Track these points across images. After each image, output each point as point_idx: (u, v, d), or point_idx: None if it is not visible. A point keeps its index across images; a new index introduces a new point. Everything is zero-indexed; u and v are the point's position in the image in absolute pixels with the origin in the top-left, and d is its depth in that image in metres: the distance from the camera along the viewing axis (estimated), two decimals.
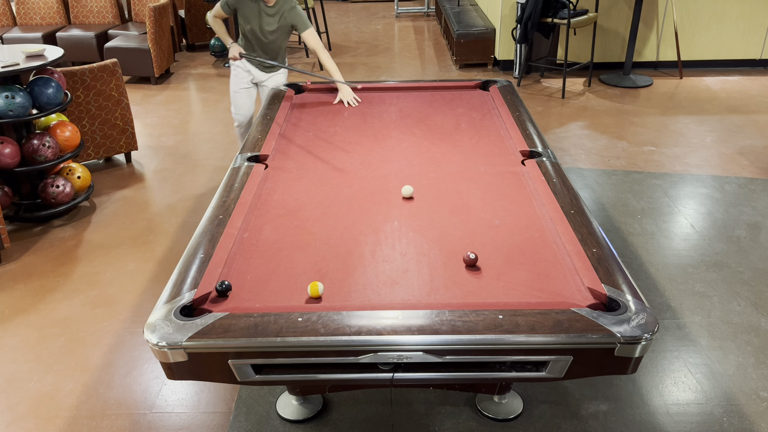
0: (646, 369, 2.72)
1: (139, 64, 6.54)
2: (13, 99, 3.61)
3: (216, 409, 2.56)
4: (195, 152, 4.99)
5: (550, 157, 2.89)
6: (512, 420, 2.47)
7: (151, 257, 3.60)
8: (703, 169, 4.51)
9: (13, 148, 3.71)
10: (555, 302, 1.93)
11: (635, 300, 1.88)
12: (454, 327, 1.78)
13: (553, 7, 5.94)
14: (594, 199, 4.10)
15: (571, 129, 5.25)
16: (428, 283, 2.06)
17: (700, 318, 3.01)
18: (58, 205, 3.96)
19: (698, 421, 2.46)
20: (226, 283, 2.00)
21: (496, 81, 3.91)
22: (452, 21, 7.15)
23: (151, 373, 2.75)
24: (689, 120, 5.39)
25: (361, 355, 1.78)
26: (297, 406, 2.51)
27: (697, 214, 3.91)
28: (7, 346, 2.93)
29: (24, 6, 7.21)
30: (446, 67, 7.02)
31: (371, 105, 3.70)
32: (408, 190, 2.58)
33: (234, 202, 2.52)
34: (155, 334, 1.78)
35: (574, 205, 2.45)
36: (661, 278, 3.30)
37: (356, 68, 7.04)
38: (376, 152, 3.08)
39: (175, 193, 4.34)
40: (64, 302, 3.23)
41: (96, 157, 4.67)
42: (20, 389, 2.68)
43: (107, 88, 4.51)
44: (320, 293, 1.97)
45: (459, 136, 3.24)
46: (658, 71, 6.71)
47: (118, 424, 2.50)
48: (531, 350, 1.78)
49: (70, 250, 3.70)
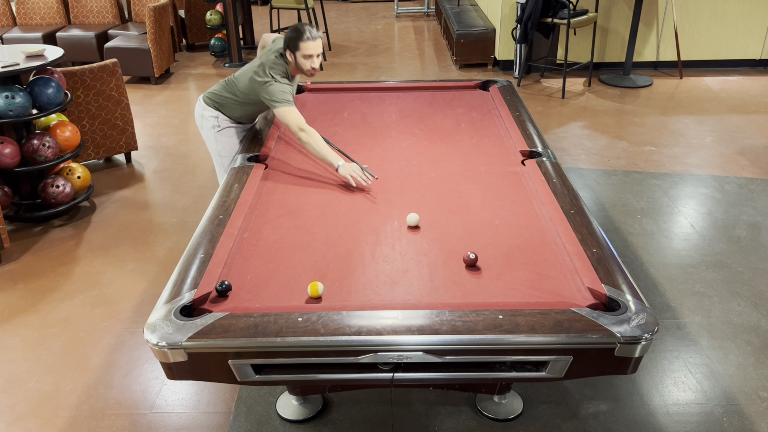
0: (646, 369, 2.72)
1: (139, 64, 6.54)
2: (13, 99, 3.61)
3: (216, 409, 2.56)
4: (195, 152, 4.99)
5: (550, 157, 2.89)
6: (512, 420, 2.47)
7: (151, 257, 3.60)
8: (703, 169, 4.51)
9: (13, 148, 3.71)
10: (555, 302, 1.93)
11: (635, 300, 1.88)
12: (454, 327, 1.78)
13: (553, 7, 5.94)
14: (594, 199, 4.10)
15: (571, 129, 5.25)
16: (428, 283, 2.06)
17: (700, 318, 3.01)
18: (58, 205, 3.96)
19: (698, 421, 2.46)
20: (226, 283, 2.00)
21: (496, 81, 3.91)
22: (452, 21, 7.15)
23: (151, 373, 2.75)
24: (689, 120, 5.39)
25: (361, 355, 1.78)
26: (297, 406, 2.50)
27: (697, 214, 3.91)
28: (7, 346, 2.93)
29: (24, 6, 7.20)
30: (446, 67, 7.02)
31: (371, 105, 3.70)
32: (414, 218, 2.39)
33: (234, 202, 2.52)
34: (155, 334, 1.78)
35: (574, 205, 2.45)
36: (661, 278, 3.30)
37: (356, 68, 7.04)
38: (376, 152, 3.07)
39: (175, 193, 4.34)
40: (64, 302, 3.23)
41: (96, 157, 4.66)
42: (20, 389, 2.68)
43: (107, 88, 4.51)
44: (320, 293, 1.97)
45: (459, 136, 3.24)
46: (658, 71, 6.71)
47: (118, 424, 2.50)
48: (531, 350, 1.78)
49: (70, 250, 3.70)
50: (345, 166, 2.71)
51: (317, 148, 2.79)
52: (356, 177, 2.67)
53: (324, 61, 7.29)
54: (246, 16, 7.79)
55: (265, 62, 3.00)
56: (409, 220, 2.39)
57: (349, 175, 2.67)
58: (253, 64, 3.09)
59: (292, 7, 6.91)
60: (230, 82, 3.18)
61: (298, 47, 2.90)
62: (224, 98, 3.19)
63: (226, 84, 3.20)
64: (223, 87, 3.21)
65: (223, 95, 3.19)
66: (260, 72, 2.97)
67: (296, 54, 2.92)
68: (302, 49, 2.89)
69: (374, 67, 7.05)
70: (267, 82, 2.93)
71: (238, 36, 7.15)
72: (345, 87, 3.96)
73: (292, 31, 2.91)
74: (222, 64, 7.34)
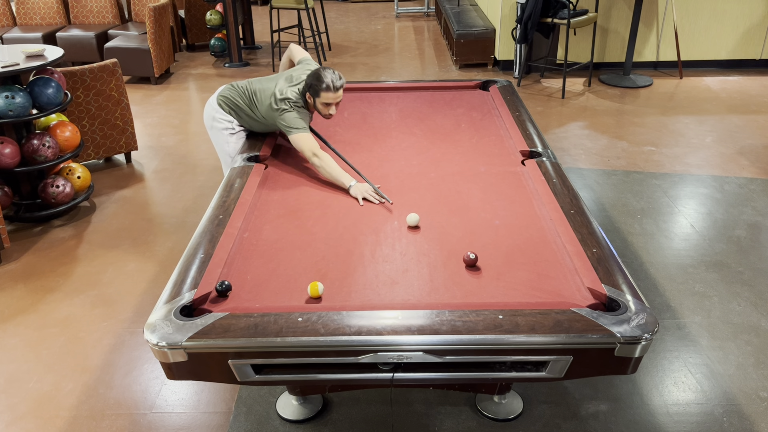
0: (646, 369, 2.72)
1: (139, 64, 6.54)
2: (13, 99, 3.61)
3: (216, 409, 2.56)
4: (195, 152, 4.99)
5: (550, 157, 2.89)
6: (512, 420, 2.47)
7: (151, 257, 3.60)
8: (703, 169, 4.51)
9: (13, 148, 3.71)
10: (555, 302, 1.93)
11: (635, 300, 1.88)
12: (454, 327, 1.78)
13: (553, 7, 5.94)
14: (594, 199, 4.10)
15: (571, 129, 5.25)
16: (428, 283, 2.06)
17: (700, 318, 3.01)
18: (58, 205, 3.96)
19: (698, 421, 2.46)
20: (226, 283, 2.00)
21: (496, 81, 3.91)
22: (452, 21, 7.15)
23: (151, 373, 2.75)
24: (689, 120, 5.39)
25: (361, 355, 1.78)
26: (297, 406, 2.50)
27: (697, 214, 3.91)
28: (7, 346, 2.93)
29: (24, 6, 7.21)
30: (446, 67, 7.02)
31: (371, 105, 3.70)
32: (414, 218, 2.40)
33: (234, 202, 2.52)
34: (155, 334, 1.78)
35: (574, 205, 2.45)
36: (661, 278, 3.30)
37: (356, 68, 7.04)
38: (376, 152, 3.07)
39: (175, 193, 4.34)
40: (64, 302, 3.23)
41: (96, 157, 4.67)
42: (20, 389, 2.68)
43: (107, 88, 4.51)
44: (320, 293, 1.97)
45: (459, 136, 3.24)
46: (658, 71, 6.71)
47: (118, 424, 2.50)
48: (531, 350, 1.78)
49: (70, 250, 3.70)
50: (357, 186, 2.68)
51: (330, 171, 2.76)
52: (368, 198, 2.63)
53: (324, 61, 7.29)
54: (246, 16, 7.79)
55: (285, 95, 2.94)
56: (409, 220, 2.39)
57: (361, 196, 2.64)
58: (275, 83, 3.02)
59: (292, 7, 6.91)
60: (249, 96, 3.08)
61: (319, 95, 2.86)
62: (242, 110, 3.12)
63: (243, 94, 3.10)
64: (239, 96, 3.11)
65: (241, 106, 3.11)
66: (278, 102, 2.94)
67: (316, 99, 2.88)
68: (322, 98, 2.85)
69: (374, 67, 7.05)
70: (284, 110, 2.92)
71: (238, 36, 7.15)
72: (345, 87, 3.96)
73: (315, 78, 2.84)
74: (222, 64, 7.34)
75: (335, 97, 2.85)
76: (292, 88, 2.96)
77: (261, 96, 3.04)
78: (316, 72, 2.86)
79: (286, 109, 2.92)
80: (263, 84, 3.09)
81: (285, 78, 3.03)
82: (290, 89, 2.95)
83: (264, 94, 3.03)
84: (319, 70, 2.86)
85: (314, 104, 2.92)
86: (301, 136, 2.87)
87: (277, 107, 2.94)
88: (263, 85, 3.08)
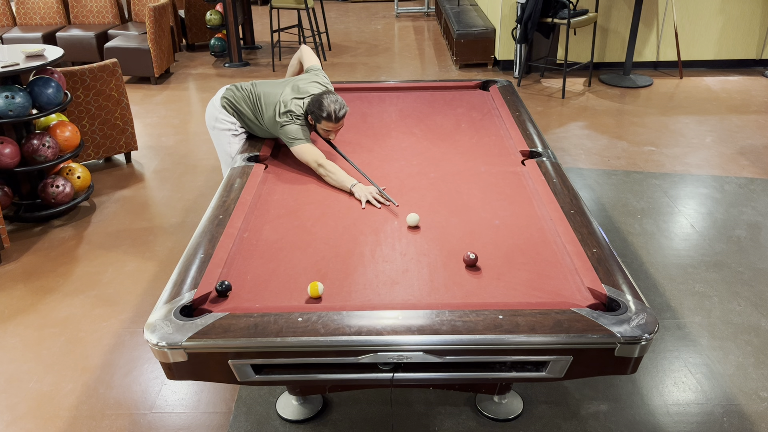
0: (646, 369, 2.72)
1: (139, 64, 6.54)
2: (13, 99, 3.61)
3: (216, 409, 2.56)
4: (195, 152, 4.99)
5: (550, 157, 2.88)
6: (512, 420, 2.47)
7: (151, 257, 3.60)
8: (703, 169, 4.51)
9: (13, 148, 3.71)
10: (555, 302, 1.93)
11: (635, 300, 1.88)
12: (454, 327, 1.78)
13: (553, 7, 5.94)
14: (594, 199, 4.10)
15: (571, 129, 5.25)
16: (428, 283, 2.06)
17: (700, 318, 3.01)
18: (58, 205, 3.96)
19: (698, 421, 2.46)
20: (226, 283, 2.00)
21: (496, 81, 3.91)
22: (452, 21, 7.15)
23: (151, 373, 2.75)
24: (689, 120, 5.39)
25: (361, 355, 1.78)
26: (297, 406, 2.50)
27: (697, 214, 3.91)
28: (7, 346, 2.93)
29: (24, 6, 7.20)
30: (446, 67, 7.02)
31: (371, 105, 3.70)
32: (414, 218, 2.39)
33: (234, 202, 2.52)
34: (155, 334, 1.78)
35: (574, 205, 2.45)
36: (661, 278, 3.30)
37: (356, 68, 7.04)
38: (376, 152, 3.07)
39: (175, 193, 4.34)
40: (64, 302, 3.23)
41: (96, 157, 4.66)
42: (20, 389, 2.68)
43: (107, 88, 4.51)
44: (320, 293, 1.97)
45: (459, 136, 3.24)
46: (658, 71, 6.71)
47: (118, 424, 2.50)
48: (531, 350, 1.78)
49: (70, 250, 3.70)
50: (359, 186, 2.65)
51: (335, 178, 2.73)
52: (371, 200, 2.60)
53: (324, 61, 7.29)
54: (246, 16, 7.79)
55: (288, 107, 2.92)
56: (409, 220, 2.39)
57: (364, 199, 2.61)
58: (281, 91, 2.99)
59: (292, 7, 6.91)
60: (254, 101, 3.04)
61: (320, 121, 2.85)
62: (245, 115, 3.09)
63: (247, 98, 3.06)
64: (244, 100, 3.07)
65: (245, 112, 3.08)
66: (281, 114, 2.92)
67: (317, 124, 2.88)
68: (324, 125, 2.85)
69: (374, 67, 7.05)
70: (285, 123, 2.91)
71: (238, 36, 7.15)
72: (345, 87, 3.96)
73: (317, 106, 2.81)
74: (222, 64, 7.34)
75: (336, 127, 2.85)
76: (297, 101, 2.93)
77: (265, 102, 3.01)
78: (319, 99, 2.83)
79: (288, 121, 2.91)
80: (268, 89, 3.05)
81: (291, 87, 2.99)
82: (294, 102, 2.93)
83: (268, 100, 3.00)
84: (322, 98, 2.82)
85: (315, 126, 2.92)
86: (303, 147, 2.85)
87: (279, 119, 2.93)
88: (268, 89, 3.05)
